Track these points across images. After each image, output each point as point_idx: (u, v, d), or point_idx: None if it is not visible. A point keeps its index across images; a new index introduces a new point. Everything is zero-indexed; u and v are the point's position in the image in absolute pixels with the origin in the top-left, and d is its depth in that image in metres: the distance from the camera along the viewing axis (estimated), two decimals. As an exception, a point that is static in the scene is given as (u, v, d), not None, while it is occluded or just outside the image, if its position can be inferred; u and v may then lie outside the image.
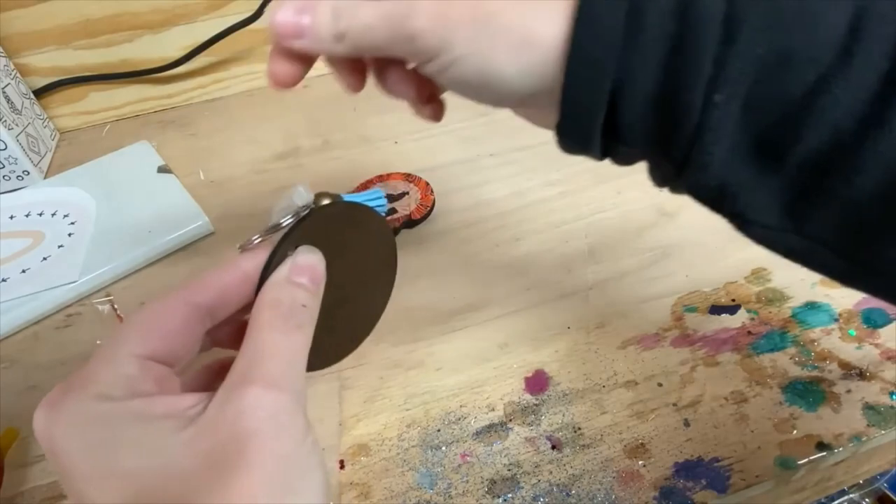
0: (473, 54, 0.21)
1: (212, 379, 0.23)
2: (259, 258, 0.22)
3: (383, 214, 0.29)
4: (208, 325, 0.22)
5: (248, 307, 0.22)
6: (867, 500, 0.73)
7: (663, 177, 0.22)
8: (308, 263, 0.23)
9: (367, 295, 0.28)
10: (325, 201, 0.24)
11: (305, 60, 0.25)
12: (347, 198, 0.25)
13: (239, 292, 0.22)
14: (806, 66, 0.18)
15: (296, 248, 0.23)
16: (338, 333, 0.26)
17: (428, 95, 0.27)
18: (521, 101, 0.23)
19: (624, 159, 0.23)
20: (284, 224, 0.23)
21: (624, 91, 0.19)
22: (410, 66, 0.25)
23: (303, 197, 0.23)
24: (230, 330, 0.23)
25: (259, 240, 0.23)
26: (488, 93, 0.22)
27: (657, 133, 0.20)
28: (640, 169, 0.24)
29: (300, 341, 0.21)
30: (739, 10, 0.18)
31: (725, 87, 0.18)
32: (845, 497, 0.71)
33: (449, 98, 0.61)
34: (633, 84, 0.19)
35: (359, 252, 0.26)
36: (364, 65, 0.27)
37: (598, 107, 0.20)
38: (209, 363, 0.24)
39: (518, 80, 0.21)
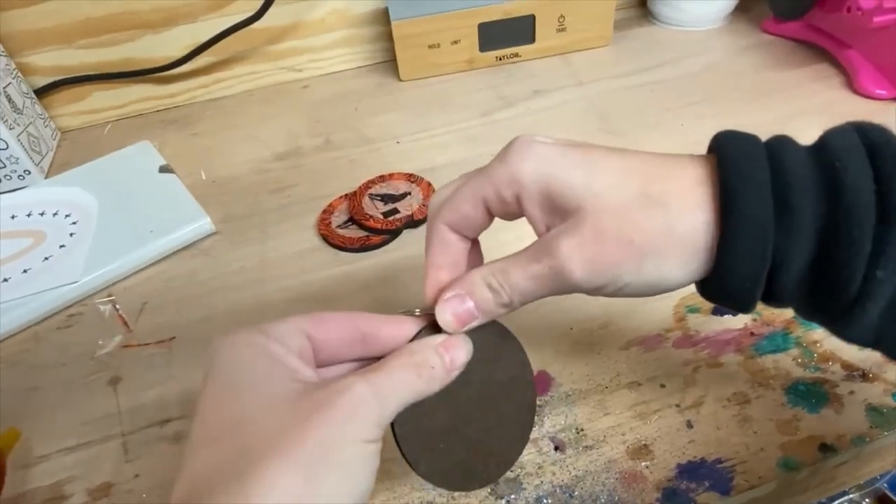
0: (644, 275, 0.22)
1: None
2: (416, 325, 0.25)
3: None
4: (357, 351, 0.25)
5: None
6: (867, 500, 0.72)
7: (812, 318, 0.23)
8: (456, 346, 0.24)
9: (496, 428, 0.27)
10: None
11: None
12: None
13: (391, 339, 0.25)
14: None
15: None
16: (460, 455, 0.25)
17: None
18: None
19: (772, 307, 0.24)
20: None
21: (780, 268, 0.21)
22: None
23: None
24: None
25: (418, 312, 0.27)
26: (654, 293, 0.24)
27: (813, 297, 0.21)
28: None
29: (411, 381, 0.22)
30: (891, 190, 0.19)
31: (888, 264, 0.19)
32: (845, 497, 0.71)
33: (449, 98, 0.61)
34: (789, 263, 0.21)
35: (489, 377, 0.26)
36: None
37: (757, 285, 0.21)
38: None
39: (685, 278, 0.23)
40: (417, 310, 0.25)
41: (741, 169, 0.21)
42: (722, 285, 0.22)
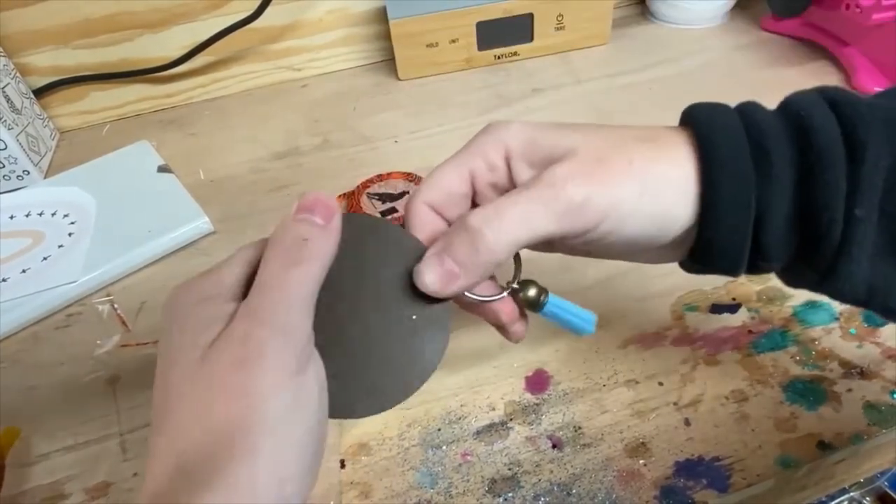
0: (645, 202, 0.21)
1: None
2: None
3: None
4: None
5: None
6: (868, 498, 0.72)
7: (802, 281, 0.23)
8: (313, 198, 0.22)
9: (401, 348, 0.25)
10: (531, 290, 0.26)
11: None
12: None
13: None
14: None
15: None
16: (356, 378, 0.23)
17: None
18: (677, 244, 0.23)
19: (761, 272, 0.23)
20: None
21: (764, 218, 0.21)
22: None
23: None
24: None
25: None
26: (657, 240, 0.23)
27: (800, 249, 0.21)
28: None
29: (297, 276, 0.20)
30: (856, 130, 0.20)
31: (864, 202, 0.20)
32: (846, 496, 0.71)
33: (448, 97, 0.61)
34: (772, 211, 0.21)
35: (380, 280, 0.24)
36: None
37: (745, 237, 0.21)
38: None
39: (687, 218, 0.22)
40: None
41: (715, 120, 0.22)
42: (710, 238, 0.22)
